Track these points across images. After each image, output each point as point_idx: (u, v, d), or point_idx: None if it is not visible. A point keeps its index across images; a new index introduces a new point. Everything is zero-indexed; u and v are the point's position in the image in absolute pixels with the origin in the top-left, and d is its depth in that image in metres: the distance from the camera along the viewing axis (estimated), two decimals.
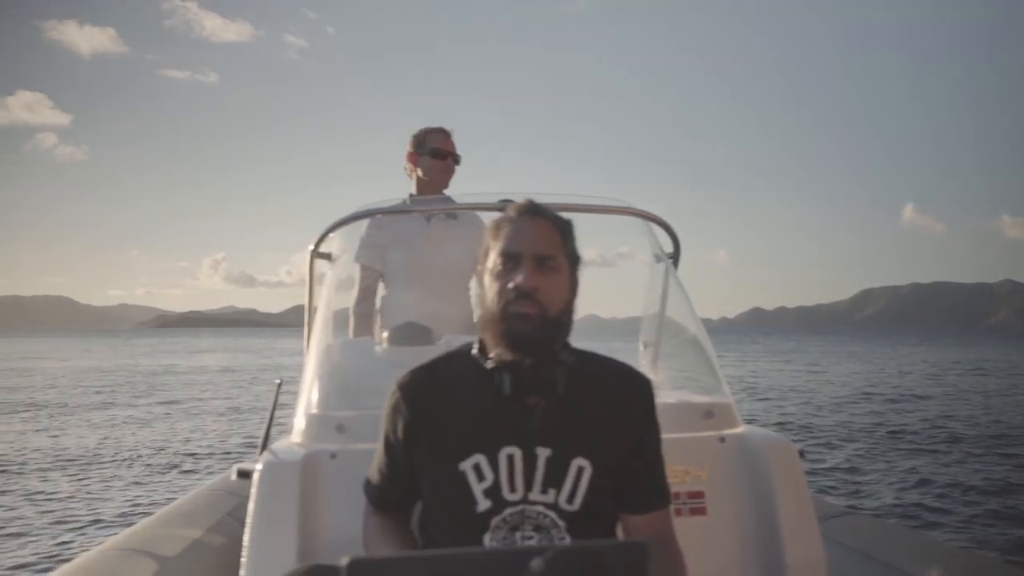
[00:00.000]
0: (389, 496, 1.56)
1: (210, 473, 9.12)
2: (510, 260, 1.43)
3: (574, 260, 1.50)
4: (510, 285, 1.41)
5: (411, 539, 1.55)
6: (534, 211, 1.48)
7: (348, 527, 1.65)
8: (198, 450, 10.89)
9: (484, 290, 1.47)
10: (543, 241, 1.44)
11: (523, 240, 1.43)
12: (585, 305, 1.55)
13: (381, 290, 2.97)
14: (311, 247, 2.34)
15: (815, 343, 67.90)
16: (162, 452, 10.67)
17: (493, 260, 1.46)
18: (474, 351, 1.51)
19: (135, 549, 1.98)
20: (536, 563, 0.94)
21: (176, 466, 9.66)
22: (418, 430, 1.49)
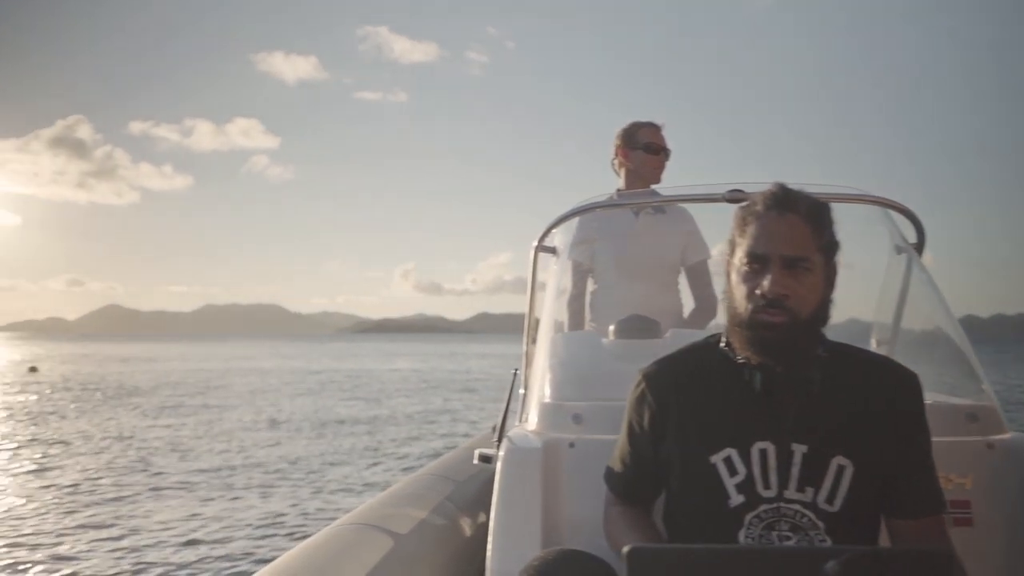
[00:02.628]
0: (633, 486, 1.52)
1: (404, 468, 9.59)
2: (756, 262, 1.34)
3: (830, 250, 1.38)
4: (757, 291, 1.32)
5: (655, 530, 1.50)
6: (783, 205, 1.35)
7: (587, 515, 1.65)
8: (404, 445, 11.50)
9: (731, 288, 1.40)
10: (793, 241, 1.33)
11: (771, 240, 1.33)
12: None
13: (590, 284, 2.96)
14: (535, 243, 2.36)
15: None
16: (370, 447, 11.37)
17: (739, 258, 1.37)
18: (722, 344, 1.45)
19: (369, 525, 2.07)
20: (831, 566, 0.86)
21: (385, 457, 10.28)
22: (664, 421, 1.45)
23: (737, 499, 1.35)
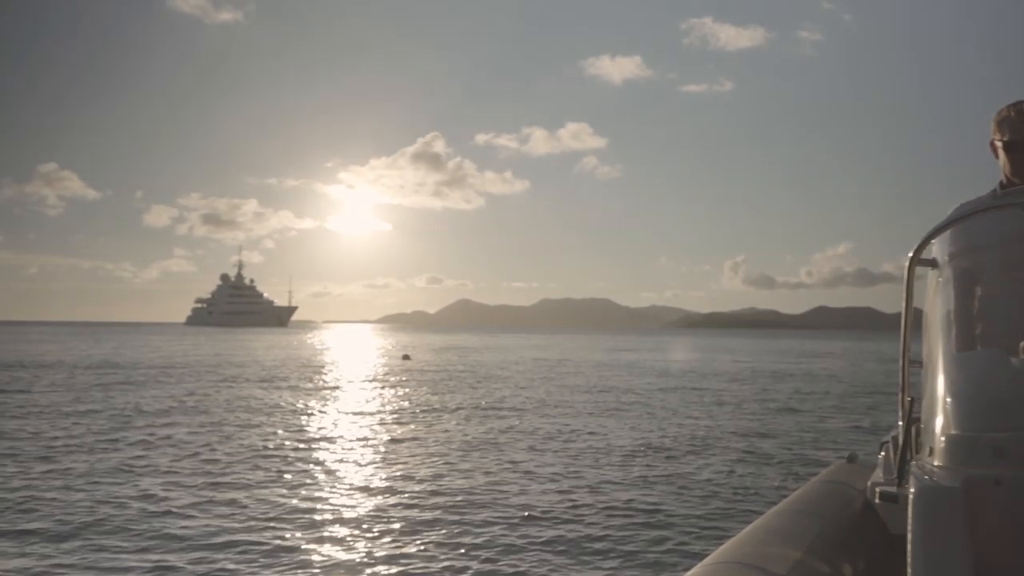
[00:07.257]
0: None
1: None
2: None
3: None
4: None
5: None
6: None
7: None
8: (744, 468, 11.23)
9: None
10: None
11: None
12: None
13: (977, 294, 2.63)
14: (910, 254, 2.17)
15: None
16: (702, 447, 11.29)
17: None
18: None
19: (748, 564, 1.94)
20: None
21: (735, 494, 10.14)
22: None
23: None
